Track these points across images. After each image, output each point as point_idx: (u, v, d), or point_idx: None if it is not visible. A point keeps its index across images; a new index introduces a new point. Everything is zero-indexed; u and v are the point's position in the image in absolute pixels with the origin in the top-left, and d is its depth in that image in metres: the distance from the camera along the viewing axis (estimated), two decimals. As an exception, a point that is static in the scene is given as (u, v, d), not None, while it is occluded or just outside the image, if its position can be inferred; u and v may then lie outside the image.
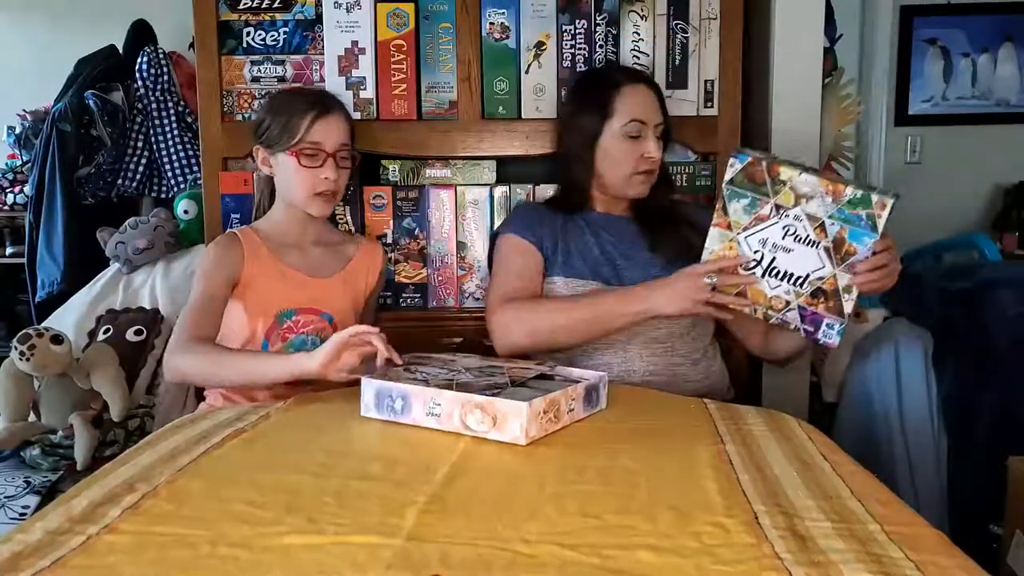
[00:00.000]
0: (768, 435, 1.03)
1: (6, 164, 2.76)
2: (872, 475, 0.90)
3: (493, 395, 1.00)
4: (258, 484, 0.84)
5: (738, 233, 1.24)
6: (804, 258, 1.21)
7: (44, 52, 2.83)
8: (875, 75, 3.06)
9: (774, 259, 1.23)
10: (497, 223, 1.75)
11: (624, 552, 0.68)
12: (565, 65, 1.72)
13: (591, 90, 1.52)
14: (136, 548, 0.70)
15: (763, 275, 1.24)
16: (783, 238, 1.22)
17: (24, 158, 2.66)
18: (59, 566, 0.66)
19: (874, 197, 1.19)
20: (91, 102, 2.28)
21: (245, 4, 1.72)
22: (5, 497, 1.45)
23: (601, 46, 1.72)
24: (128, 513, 0.77)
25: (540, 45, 1.72)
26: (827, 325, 1.25)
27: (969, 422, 1.48)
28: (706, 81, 1.73)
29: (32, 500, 1.45)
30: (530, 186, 1.75)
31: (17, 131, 2.62)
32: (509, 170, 1.79)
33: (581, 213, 1.54)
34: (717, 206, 1.26)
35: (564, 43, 1.72)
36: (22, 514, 1.42)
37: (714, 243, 1.25)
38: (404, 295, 1.78)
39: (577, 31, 1.72)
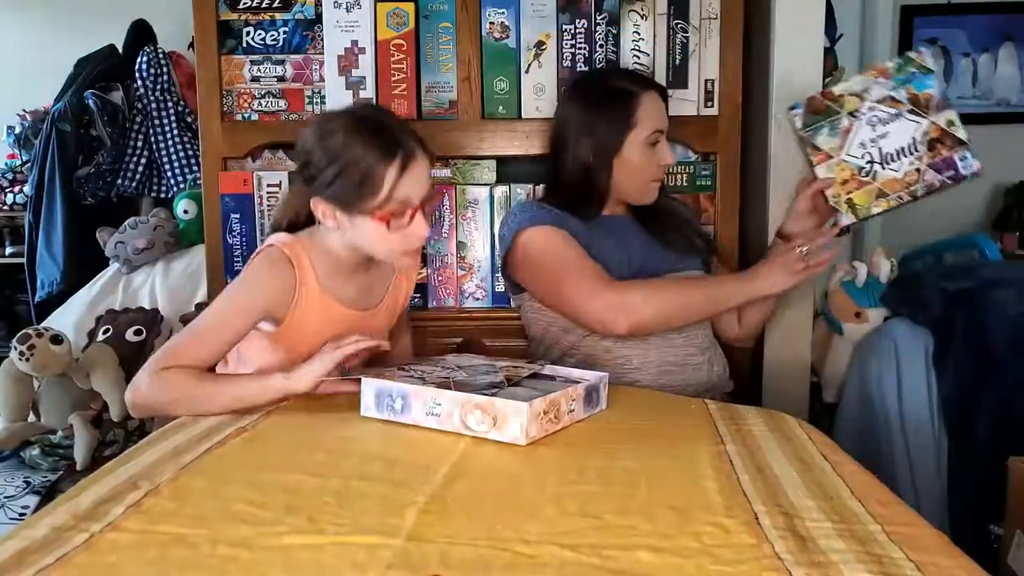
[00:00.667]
0: (768, 435, 1.03)
1: (6, 164, 2.76)
2: (872, 475, 0.90)
3: (492, 395, 1.00)
4: (259, 483, 0.84)
5: (838, 155, 1.42)
6: (900, 130, 1.39)
7: (44, 52, 2.83)
8: (875, 75, 3.06)
9: (880, 149, 1.40)
10: (497, 223, 1.75)
11: (624, 552, 0.68)
12: (565, 65, 1.72)
13: (608, 99, 1.47)
14: (138, 546, 0.70)
15: (883, 166, 1.40)
16: (874, 130, 1.40)
17: (24, 158, 2.67)
18: (63, 563, 0.66)
19: (911, 54, 1.39)
20: (91, 102, 2.28)
21: (245, 4, 1.72)
22: (5, 497, 1.45)
23: (601, 46, 1.72)
24: (131, 511, 0.77)
25: (540, 45, 1.72)
26: (960, 159, 1.38)
27: (969, 422, 1.48)
28: (706, 81, 1.73)
29: (32, 500, 1.45)
30: (530, 186, 1.75)
31: (17, 131, 2.62)
32: (509, 170, 1.79)
33: (595, 217, 1.53)
34: (807, 152, 1.46)
35: (564, 43, 1.72)
36: (22, 514, 1.42)
37: (826, 175, 1.42)
38: (404, 295, 1.77)
39: (577, 31, 1.72)
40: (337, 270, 1.26)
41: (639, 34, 1.72)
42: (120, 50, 2.43)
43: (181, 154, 2.30)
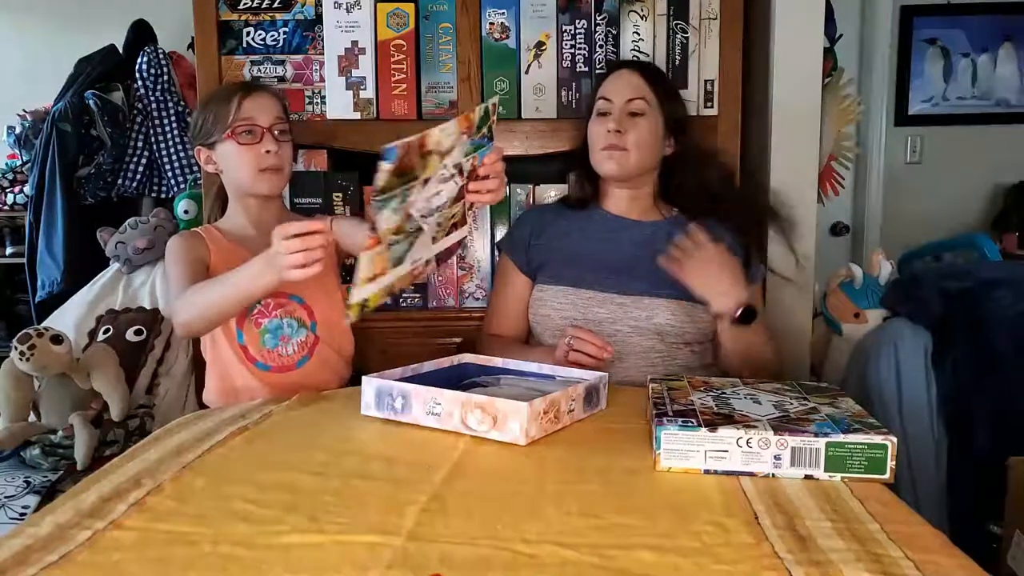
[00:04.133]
0: (768, 435, 1.03)
1: (6, 164, 2.75)
2: (872, 475, 0.90)
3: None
4: (260, 482, 0.84)
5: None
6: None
7: (44, 52, 2.83)
8: (875, 75, 3.06)
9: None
10: (497, 223, 1.76)
11: (624, 552, 0.68)
12: (565, 65, 1.72)
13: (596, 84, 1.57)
14: (140, 545, 0.70)
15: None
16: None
17: (24, 158, 2.66)
18: (66, 561, 0.67)
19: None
20: (91, 102, 2.28)
21: (245, 4, 1.72)
22: (5, 497, 1.45)
23: (601, 46, 1.73)
24: (133, 509, 0.77)
25: (540, 45, 1.72)
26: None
27: (969, 422, 1.48)
28: (706, 81, 1.73)
29: (32, 500, 1.45)
30: (530, 186, 1.76)
31: (17, 131, 2.61)
32: (509, 170, 1.78)
33: (593, 213, 1.53)
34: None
35: (564, 43, 1.72)
36: (22, 514, 1.42)
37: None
38: (404, 295, 1.78)
39: (577, 31, 1.72)
40: (244, 231, 1.43)
41: (639, 34, 1.72)
42: (120, 50, 2.43)
43: (181, 154, 2.30)
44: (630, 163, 1.46)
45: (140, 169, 2.32)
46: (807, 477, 0.86)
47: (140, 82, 2.27)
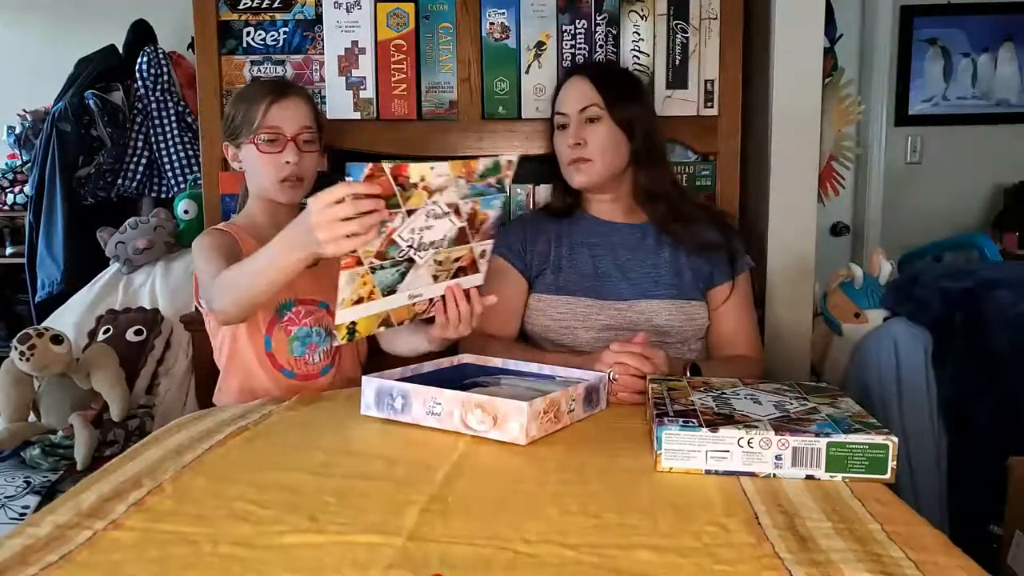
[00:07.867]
0: (768, 435, 1.03)
1: (6, 164, 2.76)
2: (872, 474, 0.90)
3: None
4: (259, 483, 0.84)
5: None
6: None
7: (44, 52, 2.83)
8: (875, 75, 3.06)
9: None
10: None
11: (624, 552, 0.68)
12: (565, 65, 1.72)
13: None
14: (140, 545, 0.70)
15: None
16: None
17: (24, 158, 2.66)
18: (66, 561, 0.67)
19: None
20: (91, 102, 2.28)
21: (245, 4, 1.72)
22: (5, 497, 1.45)
23: (601, 46, 1.73)
24: (133, 509, 0.77)
25: (540, 45, 1.72)
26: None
27: (969, 422, 1.48)
28: (706, 81, 1.73)
29: (32, 500, 1.45)
30: (530, 186, 1.75)
31: (17, 131, 2.62)
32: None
33: (579, 219, 1.53)
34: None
35: (564, 43, 1.72)
36: (22, 514, 1.42)
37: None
38: (404, 295, 1.77)
39: (577, 31, 1.72)
40: (262, 232, 1.36)
41: (639, 34, 1.72)
42: (120, 50, 2.43)
43: (181, 154, 2.30)
44: (596, 171, 1.47)
45: (140, 169, 2.33)
46: (808, 477, 0.86)
47: (140, 82, 2.27)
